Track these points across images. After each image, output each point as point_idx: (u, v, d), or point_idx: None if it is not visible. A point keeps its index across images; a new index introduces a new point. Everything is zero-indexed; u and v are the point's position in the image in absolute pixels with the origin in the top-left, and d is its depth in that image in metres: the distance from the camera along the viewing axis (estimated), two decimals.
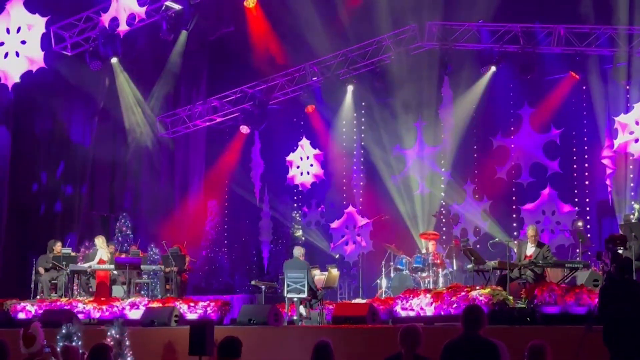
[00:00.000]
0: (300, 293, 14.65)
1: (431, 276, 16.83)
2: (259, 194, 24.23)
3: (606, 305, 9.28)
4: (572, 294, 11.71)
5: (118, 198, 23.13)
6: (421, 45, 20.68)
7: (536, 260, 13.76)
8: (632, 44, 18.59)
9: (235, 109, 23.56)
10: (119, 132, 23.09)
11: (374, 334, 12.11)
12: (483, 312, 6.95)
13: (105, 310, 15.90)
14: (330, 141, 23.32)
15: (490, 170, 21.43)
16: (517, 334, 10.63)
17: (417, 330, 6.96)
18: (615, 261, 12.53)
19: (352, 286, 20.02)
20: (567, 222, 19.92)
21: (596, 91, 19.67)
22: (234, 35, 22.30)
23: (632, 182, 19.14)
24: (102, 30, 20.39)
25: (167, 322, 14.70)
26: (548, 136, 20.84)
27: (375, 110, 22.24)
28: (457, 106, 21.33)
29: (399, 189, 21.83)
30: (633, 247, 13.96)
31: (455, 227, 21.42)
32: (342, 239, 23.07)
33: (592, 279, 13.70)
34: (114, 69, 22.25)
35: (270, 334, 13.52)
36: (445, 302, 12.48)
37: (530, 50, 19.43)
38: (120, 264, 17.18)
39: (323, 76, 22.13)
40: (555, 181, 20.70)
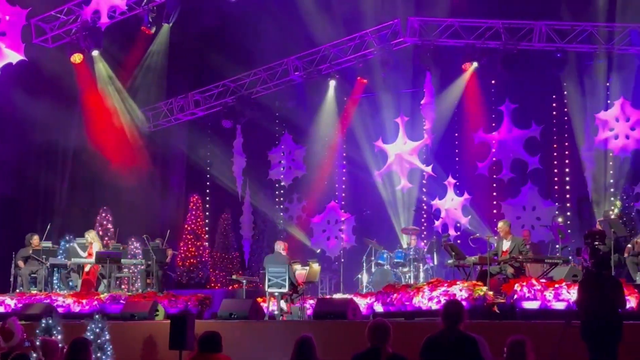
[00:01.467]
0: (281, 288, 14.65)
1: (412, 271, 16.88)
2: (240, 188, 24.19)
3: (584, 300, 9.35)
4: (551, 289, 11.78)
5: (99, 191, 23.00)
6: (403, 41, 20.71)
7: (512, 254, 13.84)
8: (612, 42, 18.70)
9: (217, 103, 23.49)
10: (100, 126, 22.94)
11: (355, 329, 12.12)
12: (462, 307, 6.98)
13: (85, 304, 15.82)
14: (312, 136, 23.30)
15: (471, 166, 21.51)
16: (496, 328, 10.69)
17: (386, 325, 6.82)
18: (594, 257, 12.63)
19: (333, 281, 20.04)
20: (547, 217, 20.01)
21: (577, 88, 19.79)
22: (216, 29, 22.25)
23: (612, 178, 19.30)
24: (83, 23, 20.28)
25: (147, 316, 14.66)
26: (529, 132, 20.93)
27: (357, 105, 22.24)
28: (439, 102, 21.38)
29: (380, 184, 21.86)
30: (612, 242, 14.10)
31: (436, 223, 21.47)
32: (323, 233, 23.08)
33: (572, 274, 13.80)
34: (95, 62, 22.13)
35: (251, 328, 13.52)
36: (426, 297, 12.53)
37: (512, 46, 19.51)
38: (100, 257, 17.11)
39: (305, 71, 22.11)
40: (535, 177, 20.81)
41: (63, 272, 17.89)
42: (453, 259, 14.49)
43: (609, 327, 9.00)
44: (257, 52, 22.32)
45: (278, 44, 21.66)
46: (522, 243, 14.35)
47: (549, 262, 13.79)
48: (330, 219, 23.07)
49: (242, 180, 24.21)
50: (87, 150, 22.57)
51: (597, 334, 9.00)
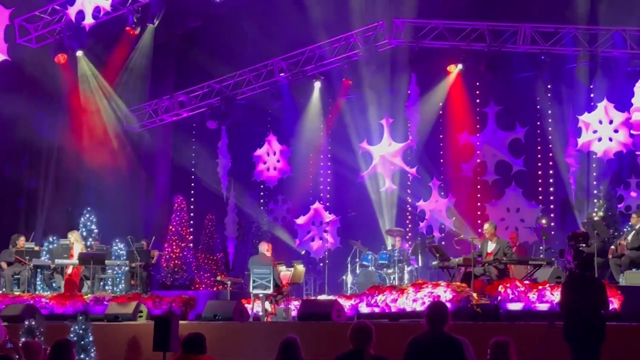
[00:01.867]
0: (265, 289, 14.64)
1: (396, 272, 16.90)
2: (225, 189, 24.17)
3: (568, 301, 9.40)
4: (535, 290, 11.83)
5: (83, 192, 22.91)
6: (388, 43, 20.74)
7: (497, 255, 13.89)
8: (596, 44, 18.80)
9: (202, 104, 23.45)
10: (84, 126, 22.86)
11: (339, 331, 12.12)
12: (447, 309, 6.99)
13: (68, 306, 15.75)
14: (297, 137, 23.29)
15: (455, 168, 21.56)
16: (480, 330, 10.72)
17: (369, 327, 6.77)
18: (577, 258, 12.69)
19: (318, 282, 20.06)
20: (531, 219, 20.09)
21: (561, 90, 19.88)
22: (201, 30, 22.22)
23: (595, 180, 19.39)
24: (67, 23, 20.20)
25: (131, 318, 14.62)
26: (513, 134, 21.00)
27: (342, 106, 22.25)
28: (424, 103, 21.44)
29: (365, 185, 21.88)
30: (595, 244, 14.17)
31: (421, 224, 21.51)
32: (308, 235, 23.07)
33: (555, 276, 13.86)
34: (80, 63, 22.05)
35: (235, 329, 13.51)
36: (410, 298, 12.55)
37: (497, 48, 19.57)
38: (84, 258, 17.04)
39: (290, 72, 22.11)
40: (519, 179, 20.88)
41: (46, 273, 17.81)
42: (437, 261, 14.53)
43: (592, 329, 9.04)
44: (242, 53, 22.30)
45: (263, 45, 21.65)
46: (507, 245, 14.41)
47: (533, 264, 13.85)
48: (315, 220, 23.08)
49: (227, 181, 24.21)
50: (71, 151, 22.48)
51: (580, 335, 9.04)
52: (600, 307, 9.25)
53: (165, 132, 24.62)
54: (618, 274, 14.37)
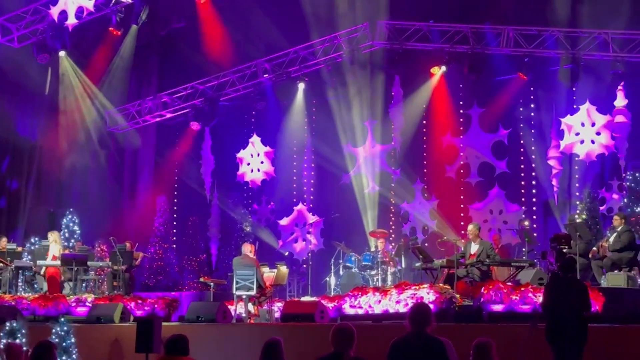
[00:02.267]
0: (249, 290, 14.61)
1: (380, 274, 16.91)
2: (208, 190, 24.13)
3: (550, 303, 9.44)
4: (517, 292, 11.87)
5: (65, 193, 22.80)
6: (372, 44, 20.77)
7: (480, 257, 13.92)
8: (579, 47, 18.89)
9: (186, 104, 23.40)
10: (67, 127, 22.75)
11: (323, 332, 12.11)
12: (430, 310, 7.00)
13: (50, 307, 15.66)
14: (281, 138, 23.29)
15: (439, 170, 21.61)
16: (463, 331, 10.74)
17: (350, 329, 6.74)
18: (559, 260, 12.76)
19: (301, 284, 20.04)
20: (514, 221, 20.18)
21: (543, 92, 19.97)
22: (184, 31, 22.16)
23: (577, 182, 19.49)
24: (50, 23, 20.11)
25: (113, 319, 14.55)
26: (496, 136, 21.09)
27: (326, 108, 22.25)
28: (407, 105, 21.49)
29: (349, 187, 21.90)
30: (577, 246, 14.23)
31: (405, 226, 21.56)
32: (291, 236, 23.06)
33: (538, 278, 13.91)
34: (62, 63, 21.96)
35: (218, 331, 13.47)
36: (394, 300, 12.56)
37: (480, 51, 19.64)
38: (66, 260, 16.95)
39: (274, 73, 22.10)
40: (502, 181, 20.96)
41: (28, 275, 17.69)
42: (421, 262, 14.55)
43: (574, 330, 9.08)
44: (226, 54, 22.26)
45: (247, 46, 21.62)
46: (490, 247, 14.44)
47: (516, 266, 13.88)
48: (298, 221, 23.08)
49: (211, 182, 24.16)
50: (53, 151, 22.37)
51: (563, 337, 9.08)
52: (582, 308, 9.29)
53: (149, 132, 24.55)
54: (600, 275, 14.44)
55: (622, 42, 18.58)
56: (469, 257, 14.21)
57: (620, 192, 18.87)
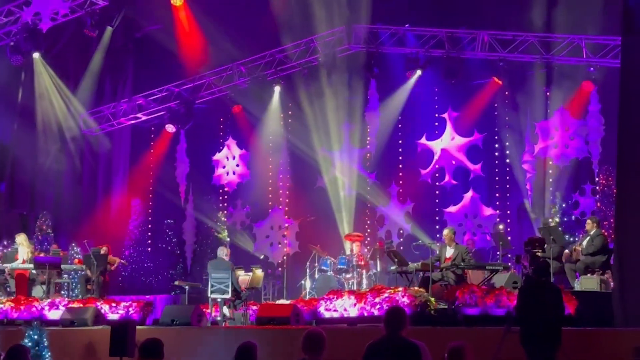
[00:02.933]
0: (224, 293, 14.58)
1: (355, 277, 16.93)
2: (184, 193, 24.02)
3: (524, 306, 9.49)
4: (492, 295, 11.93)
5: (39, 196, 22.61)
6: (348, 48, 20.82)
7: (455, 261, 13.98)
8: (553, 52, 19.04)
9: (161, 107, 23.30)
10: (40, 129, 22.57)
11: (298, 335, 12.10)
12: (405, 314, 7.01)
13: (23, 311, 15.52)
14: (257, 141, 23.25)
15: (414, 173, 21.67)
16: (438, 334, 10.78)
17: (320, 335, 6.72)
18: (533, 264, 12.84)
19: (277, 287, 20.01)
20: (489, 225, 20.30)
21: (518, 96, 20.09)
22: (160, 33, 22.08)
23: (551, 186, 19.62)
24: (24, 25, 19.95)
25: (87, 323, 14.45)
26: (471, 140, 21.18)
27: (302, 111, 22.25)
28: (383, 109, 21.54)
29: (324, 190, 21.90)
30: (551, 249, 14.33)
31: (380, 229, 21.60)
32: (267, 239, 23.02)
33: (512, 281, 13.99)
34: (36, 65, 21.79)
35: (193, 334, 13.43)
36: (369, 303, 12.58)
37: (455, 55, 19.74)
38: (39, 263, 16.81)
39: (250, 76, 22.06)
40: (477, 184, 21.06)
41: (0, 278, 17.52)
42: (396, 266, 14.58)
43: (547, 333, 9.14)
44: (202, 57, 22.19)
45: (223, 49, 21.57)
46: (465, 251, 14.52)
47: (490, 269, 13.95)
48: (274, 224, 23.03)
49: (186, 185, 24.06)
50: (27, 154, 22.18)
51: (536, 340, 9.14)
52: (555, 312, 9.36)
53: (124, 135, 24.41)
54: (573, 279, 14.55)
55: (595, 47, 18.76)
56: (444, 260, 14.27)
57: (594, 196, 19.03)
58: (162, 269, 22.99)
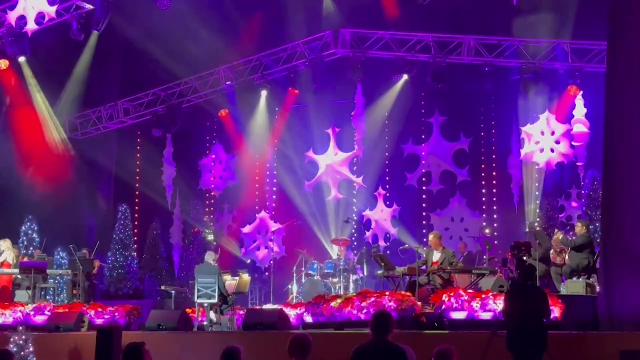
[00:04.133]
0: (210, 298, 14.54)
1: (342, 281, 16.93)
2: (170, 197, 23.97)
3: (510, 310, 9.51)
4: (478, 299, 11.94)
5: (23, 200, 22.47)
6: (335, 52, 20.84)
7: (442, 265, 14.00)
8: (538, 56, 19.12)
9: (147, 111, 23.25)
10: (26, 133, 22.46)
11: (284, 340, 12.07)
12: (391, 318, 7.02)
13: (8, 316, 15.43)
14: (243, 146, 23.24)
15: (400, 177, 21.73)
16: (424, 338, 10.79)
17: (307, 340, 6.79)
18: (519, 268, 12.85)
19: (263, 291, 20.01)
20: (475, 229, 20.35)
21: (504, 101, 20.18)
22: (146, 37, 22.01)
23: (537, 190, 19.70)
24: (9, 29, 19.86)
25: (73, 328, 14.38)
26: (458, 144, 21.25)
27: (288, 115, 22.25)
28: (370, 113, 21.57)
29: (311, 194, 21.91)
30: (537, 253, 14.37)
31: (367, 233, 21.61)
32: (253, 244, 22.99)
33: (498, 285, 14.00)
34: (21, 68, 21.69)
35: (179, 339, 13.38)
36: (355, 307, 12.56)
37: (441, 59, 19.79)
38: (25, 267, 16.72)
39: (236, 80, 22.05)
40: (464, 189, 21.13)
41: None
42: (382, 270, 14.58)
43: (533, 337, 9.16)
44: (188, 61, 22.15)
45: (209, 53, 21.55)
46: (452, 254, 14.52)
47: (476, 273, 13.96)
48: (260, 229, 23.00)
49: (172, 189, 24.01)
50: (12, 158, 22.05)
51: (523, 344, 9.15)
52: (541, 315, 9.38)
53: (109, 139, 24.33)
54: (559, 283, 14.59)
55: (580, 52, 18.85)
56: (431, 264, 14.28)
57: (579, 200, 19.11)
58: (149, 274, 22.91)
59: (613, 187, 12.38)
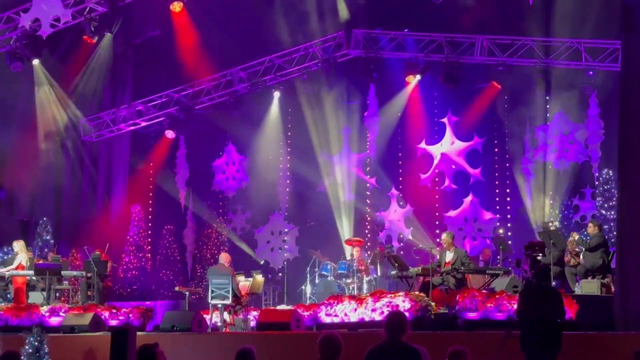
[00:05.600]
0: (224, 299, 14.55)
1: (355, 282, 16.91)
2: (184, 199, 24.03)
3: (524, 311, 9.48)
4: (492, 300, 11.91)
5: (38, 202, 22.59)
6: (347, 53, 20.83)
7: (455, 265, 13.97)
8: (552, 56, 19.05)
9: (161, 113, 23.31)
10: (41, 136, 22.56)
11: (298, 341, 12.11)
12: (406, 319, 7.00)
13: (23, 317, 15.50)
14: (256, 147, 23.26)
15: (414, 178, 21.69)
16: (438, 339, 10.77)
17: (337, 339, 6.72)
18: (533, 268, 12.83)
19: (277, 292, 19.99)
20: (489, 229, 20.30)
21: (517, 101, 20.10)
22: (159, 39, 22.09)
23: (551, 190, 19.62)
24: (23, 31, 19.96)
25: (88, 329, 14.43)
26: (471, 144, 21.19)
27: (301, 116, 22.26)
28: (383, 113, 21.56)
29: (324, 195, 21.91)
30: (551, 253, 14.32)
31: (380, 234, 21.60)
32: (267, 244, 23.01)
33: (512, 285, 13.96)
34: (36, 71, 21.80)
35: (193, 340, 13.40)
36: (369, 308, 12.56)
37: (454, 59, 19.74)
38: (40, 269, 16.80)
39: (249, 82, 22.07)
40: (477, 189, 21.07)
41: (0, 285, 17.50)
42: (396, 270, 14.57)
43: (548, 338, 9.13)
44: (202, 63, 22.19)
45: (222, 54, 21.59)
46: (464, 255, 14.50)
47: (490, 273, 13.94)
48: (274, 230, 23.03)
49: (186, 191, 24.06)
50: (26, 161, 22.16)
51: (537, 344, 9.12)
52: (556, 316, 9.35)
53: (123, 141, 24.40)
54: (574, 283, 14.54)
55: (594, 51, 18.75)
56: (444, 265, 14.26)
57: (594, 199, 19.02)
58: (162, 275, 22.97)
59: (628, 186, 12.33)
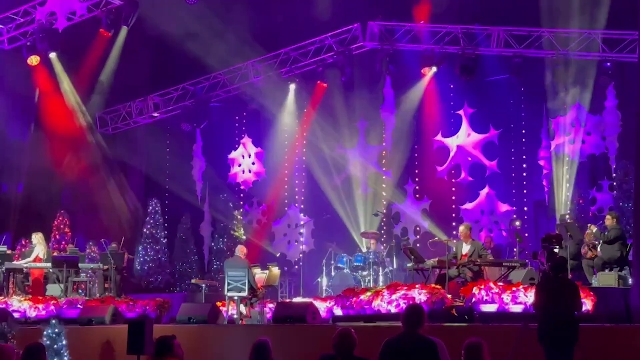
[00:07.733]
0: (240, 292, 14.59)
1: (371, 274, 16.91)
2: (200, 191, 24.08)
3: (541, 303, 9.45)
4: (509, 292, 11.87)
5: (55, 195, 22.71)
6: (363, 45, 20.80)
7: (471, 257, 13.93)
8: (568, 47, 18.93)
9: (177, 106, 23.38)
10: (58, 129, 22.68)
11: (314, 333, 12.13)
12: (423, 311, 7.01)
13: (41, 309, 15.61)
14: (272, 139, 23.28)
15: (430, 170, 21.63)
16: (455, 331, 10.76)
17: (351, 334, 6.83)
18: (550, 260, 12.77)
19: (293, 285, 20.02)
20: (505, 221, 20.22)
21: (534, 92, 20.00)
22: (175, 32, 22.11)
23: (568, 182, 19.53)
24: (40, 25, 20.05)
25: (105, 321, 14.51)
26: (487, 136, 21.11)
27: (317, 109, 22.25)
28: (399, 106, 21.51)
29: (340, 188, 21.90)
30: (568, 246, 14.26)
31: (396, 226, 21.57)
32: (283, 237, 23.04)
33: (529, 278, 13.91)
34: (52, 64, 21.89)
35: (210, 332, 13.45)
36: (385, 300, 12.55)
37: (470, 51, 19.66)
38: (57, 261, 16.90)
39: (265, 74, 22.07)
40: (493, 181, 20.99)
41: (19, 277, 17.62)
42: (412, 263, 14.55)
43: (565, 330, 9.09)
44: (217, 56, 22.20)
45: (237, 47, 21.59)
46: (481, 247, 14.45)
47: (507, 266, 13.89)
48: (290, 222, 23.05)
49: (202, 183, 24.11)
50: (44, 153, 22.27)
51: (554, 337, 9.09)
52: (573, 308, 9.31)
53: (139, 134, 24.49)
54: (590, 275, 14.48)
55: (611, 42, 18.62)
56: (461, 257, 14.22)
57: (611, 191, 18.92)
58: (179, 267, 23.05)
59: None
